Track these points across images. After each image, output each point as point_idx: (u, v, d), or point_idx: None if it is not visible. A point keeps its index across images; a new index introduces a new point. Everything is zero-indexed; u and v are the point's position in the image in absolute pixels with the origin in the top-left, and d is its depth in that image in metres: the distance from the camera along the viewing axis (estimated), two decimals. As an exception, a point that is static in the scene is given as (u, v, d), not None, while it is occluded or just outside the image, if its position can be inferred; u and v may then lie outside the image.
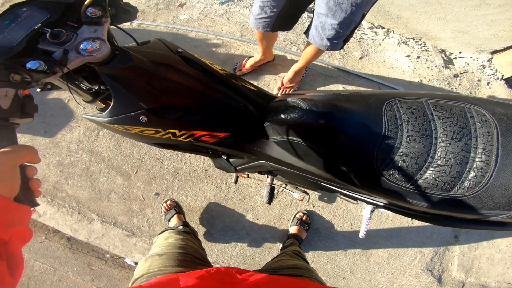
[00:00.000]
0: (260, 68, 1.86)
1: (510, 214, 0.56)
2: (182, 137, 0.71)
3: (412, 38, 2.14)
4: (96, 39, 0.55)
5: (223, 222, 1.64)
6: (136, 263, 1.66)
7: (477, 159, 0.57)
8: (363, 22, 2.16)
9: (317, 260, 1.62)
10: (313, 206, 1.67)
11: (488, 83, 2.02)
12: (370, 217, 0.90)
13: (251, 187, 1.69)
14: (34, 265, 1.69)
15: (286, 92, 1.76)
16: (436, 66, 1.99)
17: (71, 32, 0.55)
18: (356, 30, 2.10)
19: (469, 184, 0.57)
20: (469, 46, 2.07)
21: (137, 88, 0.62)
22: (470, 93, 1.96)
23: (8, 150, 0.38)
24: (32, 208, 0.41)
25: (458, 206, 0.59)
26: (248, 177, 1.44)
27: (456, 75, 2.00)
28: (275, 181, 1.24)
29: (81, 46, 0.54)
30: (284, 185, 1.35)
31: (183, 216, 1.59)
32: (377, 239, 1.63)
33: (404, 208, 0.73)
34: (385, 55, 1.97)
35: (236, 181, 1.35)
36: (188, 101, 0.68)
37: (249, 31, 2.03)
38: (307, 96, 0.75)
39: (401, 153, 0.62)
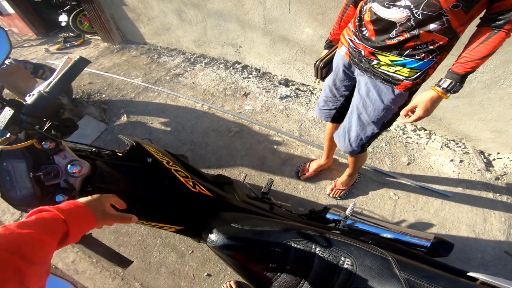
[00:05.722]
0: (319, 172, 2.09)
1: None
2: (149, 225, 1.00)
3: (453, 140, 2.33)
4: (73, 162, 0.77)
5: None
6: None
7: None
8: (407, 124, 2.40)
9: None
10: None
11: (526, 185, 2.13)
12: None
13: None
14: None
15: (338, 194, 1.98)
16: (478, 170, 2.15)
17: (53, 165, 0.76)
18: (402, 134, 2.34)
19: None
20: (506, 147, 2.19)
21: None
22: (511, 195, 2.05)
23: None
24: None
25: None
26: None
27: (497, 178, 2.12)
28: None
29: (69, 171, 0.75)
30: None
31: None
32: None
33: None
34: (430, 160, 2.17)
35: None
36: (151, 203, 0.96)
37: (306, 131, 2.31)
38: (230, 229, 0.99)
39: (279, 280, 0.86)
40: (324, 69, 1.43)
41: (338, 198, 1.97)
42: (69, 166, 0.77)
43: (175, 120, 2.58)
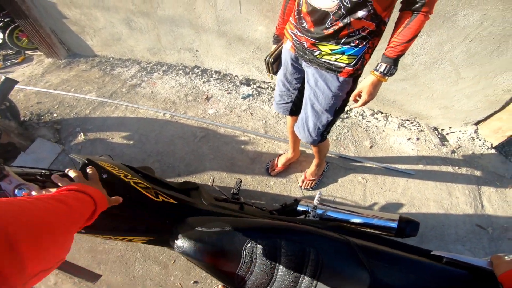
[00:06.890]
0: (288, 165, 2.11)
1: None
2: (117, 239, 0.98)
3: (407, 120, 2.47)
4: (19, 186, 0.75)
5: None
6: None
7: (302, 286, 0.83)
8: (365, 109, 2.51)
9: None
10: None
11: (481, 154, 2.23)
12: None
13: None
14: None
15: (309, 185, 2.01)
16: (434, 146, 2.29)
17: (0, 192, 0.75)
18: (361, 119, 2.44)
19: None
20: (456, 121, 2.36)
21: None
22: (469, 167, 2.17)
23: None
24: None
25: None
26: None
27: (453, 151, 2.26)
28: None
29: (18, 196, 0.73)
30: None
31: None
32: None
33: None
34: (390, 140, 2.28)
35: None
36: (112, 217, 0.95)
37: (271, 127, 2.33)
38: (195, 233, 0.98)
39: (252, 278, 0.88)
40: (274, 64, 1.47)
41: (310, 189, 2.00)
42: (16, 190, 0.74)
43: (137, 132, 2.47)
